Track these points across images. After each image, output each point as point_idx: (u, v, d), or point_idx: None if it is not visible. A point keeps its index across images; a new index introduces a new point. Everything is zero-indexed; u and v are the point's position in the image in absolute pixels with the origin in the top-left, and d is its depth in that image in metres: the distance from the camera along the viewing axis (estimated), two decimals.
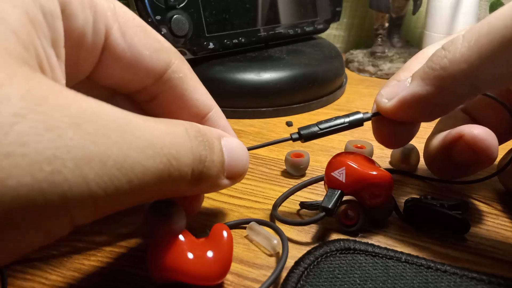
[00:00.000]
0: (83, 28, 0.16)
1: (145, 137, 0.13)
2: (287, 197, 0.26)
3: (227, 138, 0.18)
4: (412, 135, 0.23)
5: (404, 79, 0.21)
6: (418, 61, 0.23)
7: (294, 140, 0.23)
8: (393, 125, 0.22)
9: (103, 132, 0.12)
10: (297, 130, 0.23)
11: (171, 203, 0.18)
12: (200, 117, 0.21)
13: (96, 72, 0.18)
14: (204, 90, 0.21)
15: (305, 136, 0.22)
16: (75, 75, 0.18)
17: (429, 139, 0.26)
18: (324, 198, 0.22)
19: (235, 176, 0.19)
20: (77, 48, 0.16)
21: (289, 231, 0.23)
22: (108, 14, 0.17)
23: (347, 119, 0.23)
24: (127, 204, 0.13)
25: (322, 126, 0.23)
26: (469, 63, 0.18)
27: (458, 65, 0.18)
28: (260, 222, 0.23)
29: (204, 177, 0.16)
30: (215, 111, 0.22)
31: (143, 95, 0.20)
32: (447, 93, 0.19)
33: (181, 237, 0.18)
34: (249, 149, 0.20)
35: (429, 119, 0.21)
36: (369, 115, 0.23)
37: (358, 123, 0.23)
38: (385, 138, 0.23)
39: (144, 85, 0.20)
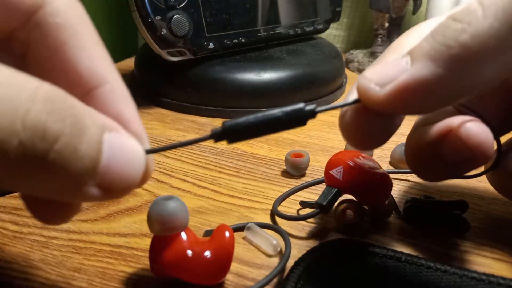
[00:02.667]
0: None
1: None
2: (288, 197, 0.26)
3: (118, 134, 0.13)
4: (392, 131, 0.18)
5: (399, 58, 0.16)
6: (413, 37, 0.18)
7: (215, 137, 0.15)
8: (373, 117, 0.17)
9: None
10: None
11: (175, 200, 0.18)
12: (83, 90, 0.15)
13: None
14: (97, 52, 0.15)
15: (228, 130, 0.15)
16: None
17: (411, 134, 0.21)
18: (320, 195, 0.22)
19: (112, 188, 0.13)
20: None
21: (289, 231, 0.23)
22: None
23: (281, 110, 0.16)
24: None
25: (249, 119, 0.16)
26: (500, 37, 0.14)
27: (486, 41, 0.14)
28: (261, 225, 0.23)
29: (52, 165, 0.11)
30: (111, 88, 0.15)
31: (15, 43, 0.15)
32: (466, 78, 0.15)
33: (183, 234, 0.18)
34: (150, 152, 0.15)
35: (434, 110, 0.17)
36: (316, 107, 0.16)
37: (297, 117, 0.16)
38: (360, 134, 0.18)
39: (8, 27, 0.15)
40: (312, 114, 0.16)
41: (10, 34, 0.15)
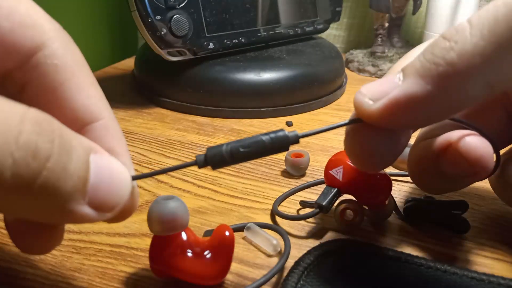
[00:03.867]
0: None
1: None
2: (288, 197, 0.26)
3: (103, 155, 0.14)
4: (398, 150, 0.18)
5: (393, 74, 0.17)
6: (412, 56, 0.19)
7: (200, 165, 0.16)
8: (376, 136, 0.17)
9: None
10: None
11: (175, 200, 0.18)
12: (77, 126, 0.16)
13: None
14: (92, 93, 0.16)
15: (211, 157, 0.16)
16: None
17: (413, 148, 0.21)
18: (320, 195, 0.22)
19: (103, 206, 0.14)
20: None
21: (289, 231, 0.23)
22: None
23: (266, 137, 0.16)
24: None
25: (234, 144, 0.16)
26: (484, 56, 0.15)
27: (470, 59, 0.15)
28: (261, 225, 0.23)
29: (45, 186, 0.12)
30: (103, 124, 0.16)
31: (11, 82, 0.16)
32: (453, 94, 0.15)
33: (183, 234, 0.18)
34: (135, 178, 0.15)
35: (425, 124, 0.18)
36: (299, 133, 0.17)
37: (282, 144, 0.16)
38: (364, 155, 0.18)
39: (6, 67, 0.15)
40: (296, 140, 0.16)
41: (6, 74, 0.16)
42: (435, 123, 0.21)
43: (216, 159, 0.16)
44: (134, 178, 0.15)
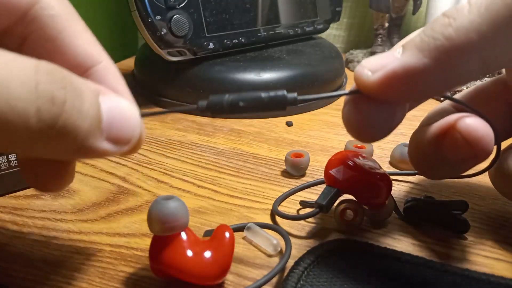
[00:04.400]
0: None
1: None
2: (288, 197, 0.26)
3: (111, 96, 0.15)
4: (393, 124, 0.18)
5: (393, 49, 0.17)
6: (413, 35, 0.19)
7: (200, 109, 0.17)
8: (373, 107, 0.18)
9: None
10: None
11: (175, 200, 0.18)
12: (80, 70, 0.17)
13: None
14: (88, 38, 0.17)
15: (211, 104, 0.17)
16: None
17: (414, 134, 0.22)
18: (320, 195, 0.22)
19: (119, 140, 0.15)
20: None
21: (289, 231, 0.23)
22: None
23: (265, 94, 0.17)
24: None
25: (234, 97, 0.17)
26: (480, 32, 0.15)
27: (467, 34, 0.15)
28: (261, 225, 0.23)
29: (65, 127, 0.13)
30: (104, 66, 0.18)
31: (11, 38, 0.17)
32: (449, 69, 0.16)
33: (183, 234, 0.18)
34: (143, 115, 0.17)
35: (422, 98, 0.19)
36: (298, 96, 0.18)
37: (279, 103, 0.17)
38: (360, 125, 0.18)
39: (6, 24, 0.16)
40: (294, 101, 0.17)
41: (6, 30, 0.17)
42: (435, 113, 0.22)
43: (216, 107, 0.17)
44: (142, 115, 0.17)
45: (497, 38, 0.15)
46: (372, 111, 0.18)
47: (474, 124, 0.18)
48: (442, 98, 0.42)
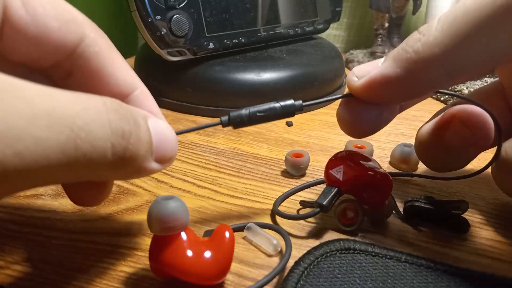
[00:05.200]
0: None
1: (39, 105, 0.12)
2: (288, 197, 0.26)
3: (154, 119, 0.17)
4: (381, 122, 0.21)
5: (378, 60, 0.20)
6: None
7: (224, 124, 0.20)
8: (362, 108, 0.21)
9: None
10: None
11: (175, 200, 0.18)
12: (122, 97, 0.19)
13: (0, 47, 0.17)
14: (126, 67, 0.20)
15: (233, 119, 0.20)
16: None
17: (420, 129, 0.24)
18: (320, 194, 0.22)
19: (164, 159, 0.17)
20: None
21: (290, 231, 0.23)
22: None
23: (277, 104, 0.21)
24: (33, 182, 0.13)
25: (252, 110, 0.20)
26: (442, 47, 0.17)
27: (430, 49, 0.17)
28: (261, 225, 0.23)
29: (130, 156, 0.15)
30: (141, 92, 0.20)
31: (58, 71, 0.19)
32: (417, 78, 0.18)
33: (183, 234, 0.18)
34: (178, 133, 0.19)
35: (398, 101, 0.21)
36: (301, 102, 0.22)
37: (290, 110, 0.21)
38: (350, 122, 0.21)
39: (56, 60, 0.18)
40: (300, 107, 0.21)
41: (55, 64, 0.18)
42: (438, 111, 0.24)
43: (237, 120, 0.20)
44: (177, 133, 0.19)
45: (458, 52, 0.17)
46: (361, 111, 0.21)
47: (473, 110, 0.20)
48: (441, 95, 0.42)
